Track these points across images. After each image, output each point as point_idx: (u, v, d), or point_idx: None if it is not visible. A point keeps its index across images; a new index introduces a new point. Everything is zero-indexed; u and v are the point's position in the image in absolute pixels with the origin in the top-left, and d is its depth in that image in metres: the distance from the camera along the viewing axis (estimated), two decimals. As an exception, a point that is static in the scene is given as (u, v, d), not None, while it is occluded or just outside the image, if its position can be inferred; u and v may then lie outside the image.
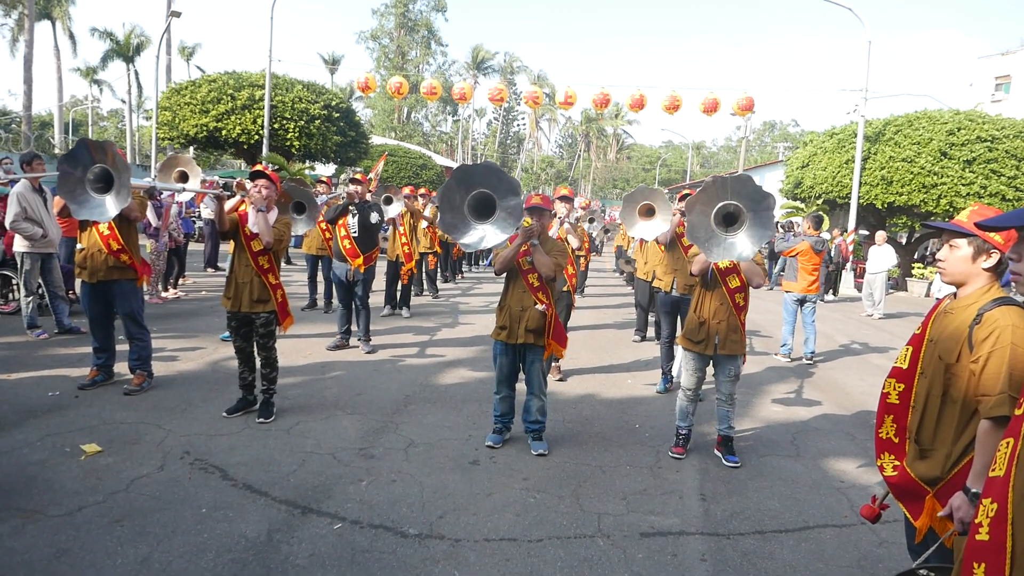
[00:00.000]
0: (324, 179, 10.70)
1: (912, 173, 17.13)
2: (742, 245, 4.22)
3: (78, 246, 5.41)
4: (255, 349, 5.12)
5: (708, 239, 4.26)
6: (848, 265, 17.59)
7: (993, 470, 1.62)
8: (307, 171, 21.50)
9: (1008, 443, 1.59)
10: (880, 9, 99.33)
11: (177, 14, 22.81)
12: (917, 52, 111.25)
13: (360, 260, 7.20)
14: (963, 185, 16.58)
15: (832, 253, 15.80)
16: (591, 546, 3.43)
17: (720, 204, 4.23)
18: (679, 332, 5.01)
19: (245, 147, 21.36)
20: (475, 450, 4.66)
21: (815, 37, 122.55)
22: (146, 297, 9.41)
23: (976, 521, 1.61)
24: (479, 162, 6.05)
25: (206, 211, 13.53)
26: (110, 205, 4.37)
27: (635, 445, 4.96)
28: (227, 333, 6.64)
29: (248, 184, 5.14)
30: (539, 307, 4.59)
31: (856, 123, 18.18)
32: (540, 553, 3.33)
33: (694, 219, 4.29)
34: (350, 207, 7.26)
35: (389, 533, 3.44)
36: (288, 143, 20.89)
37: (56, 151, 32.12)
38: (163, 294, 9.94)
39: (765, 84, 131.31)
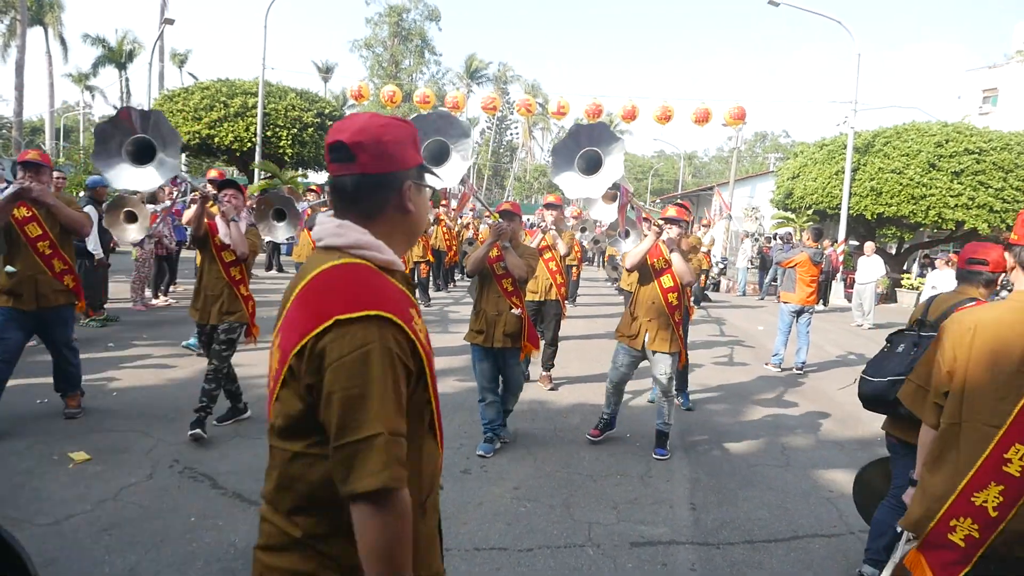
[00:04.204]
0: (314, 187, 10.63)
1: (901, 184, 17.28)
2: (597, 186, 4.60)
3: (7, 269, 4.56)
4: (213, 356, 4.80)
5: (571, 181, 4.66)
6: (838, 275, 17.70)
7: None
8: (300, 179, 21.46)
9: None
10: (870, 22, 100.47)
11: (171, 21, 22.81)
12: (906, 65, 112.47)
13: None
14: (951, 196, 16.73)
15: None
16: (581, 555, 3.44)
17: (582, 151, 4.62)
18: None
19: (238, 154, 21.33)
20: (466, 459, 4.66)
21: (806, 49, 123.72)
22: (131, 305, 9.39)
23: None
24: (432, 111, 6.32)
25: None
26: (155, 175, 4.17)
27: (625, 454, 4.97)
28: (193, 340, 6.51)
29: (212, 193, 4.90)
30: (514, 311, 4.75)
31: (846, 134, 18.33)
32: (530, 562, 3.34)
33: (559, 161, 4.70)
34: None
35: (379, 542, 3.42)
36: (281, 151, 20.88)
37: (47, 157, 31.93)
38: (152, 301, 9.90)
39: (756, 95, 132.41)
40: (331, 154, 1.38)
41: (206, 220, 4.72)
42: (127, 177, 4.20)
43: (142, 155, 4.17)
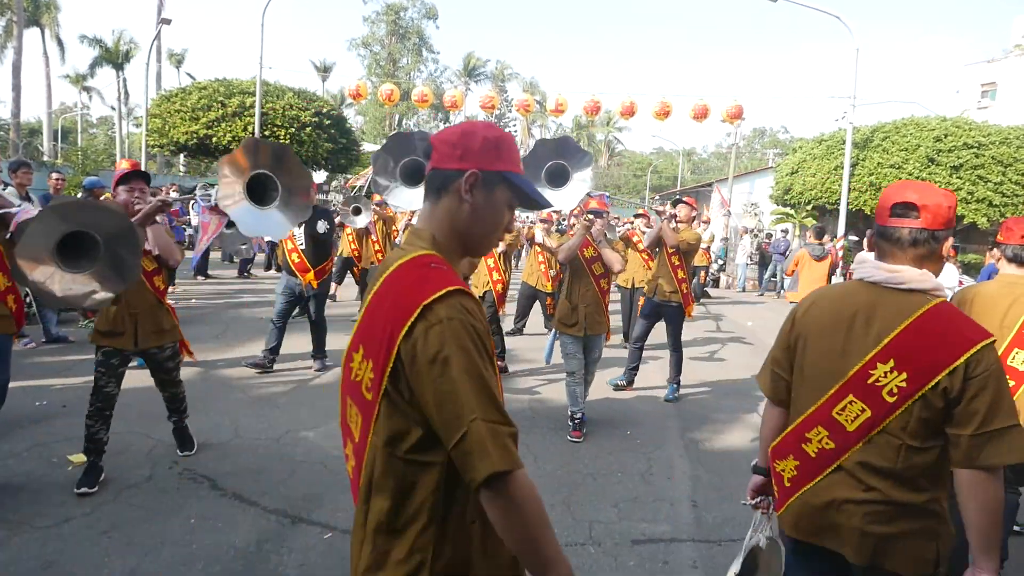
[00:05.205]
0: None
1: (900, 179, 17.26)
2: (569, 196, 4.95)
3: None
4: (161, 386, 4.23)
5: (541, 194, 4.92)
6: (837, 271, 17.68)
7: None
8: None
9: None
10: (868, 17, 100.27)
11: (167, 21, 22.75)
12: (904, 60, 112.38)
13: (311, 275, 6.44)
14: (951, 191, 16.73)
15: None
16: (582, 553, 3.43)
17: (548, 164, 4.93)
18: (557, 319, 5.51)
19: (236, 154, 21.29)
20: (466, 458, 4.65)
21: (804, 45, 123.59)
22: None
23: None
24: (412, 131, 6.47)
25: (196, 218, 13.45)
26: (283, 219, 3.80)
27: (626, 452, 4.96)
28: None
29: (123, 192, 3.88)
30: None
31: (844, 130, 18.31)
32: (531, 561, 3.32)
33: (527, 175, 4.81)
34: None
35: (380, 542, 3.42)
36: (279, 150, 20.82)
37: (44, 158, 31.89)
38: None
39: (755, 91, 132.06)
40: (898, 210, 1.81)
41: None
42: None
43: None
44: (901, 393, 1.69)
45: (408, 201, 4.64)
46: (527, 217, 10.11)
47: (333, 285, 11.13)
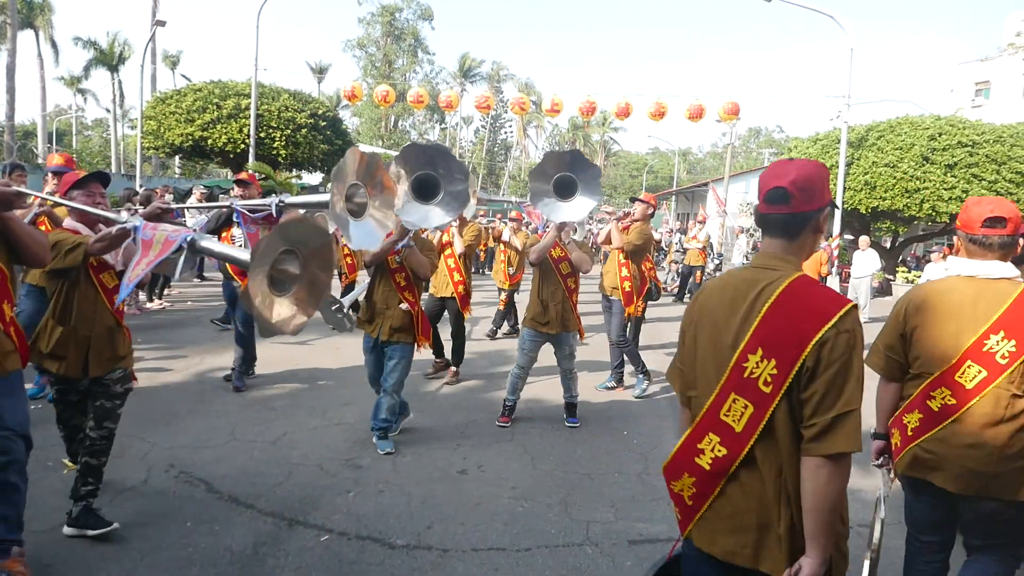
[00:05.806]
0: (245, 174, 6.92)
1: (895, 178, 17.30)
2: (576, 210, 5.01)
3: None
4: (98, 417, 3.42)
5: (549, 206, 5.02)
6: (833, 270, 17.70)
7: None
8: (294, 180, 21.40)
9: None
10: (862, 16, 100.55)
11: (162, 23, 22.67)
12: (899, 59, 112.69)
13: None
14: (945, 190, 16.76)
15: (817, 258, 15.85)
16: (580, 554, 3.43)
17: (557, 175, 4.97)
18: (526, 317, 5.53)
19: (231, 156, 21.25)
20: (463, 459, 4.65)
21: (799, 44, 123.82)
22: (127, 309, 9.34)
23: None
24: (429, 143, 6.16)
25: (191, 220, 13.41)
26: (375, 228, 3.61)
27: (623, 452, 4.97)
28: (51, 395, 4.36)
29: (81, 197, 3.34)
30: (403, 306, 4.76)
31: (839, 129, 18.34)
32: (529, 562, 3.33)
33: (536, 187, 5.03)
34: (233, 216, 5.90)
35: (377, 544, 3.42)
36: (275, 152, 20.80)
37: (39, 161, 31.74)
38: (146, 305, 9.86)
39: (750, 91, 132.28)
40: (988, 223, 2.32)
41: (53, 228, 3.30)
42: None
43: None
44: (1012, 356, 2.23)
45: (423, 218, 4.31)
46: (502, 215, 10.08)
47: None
